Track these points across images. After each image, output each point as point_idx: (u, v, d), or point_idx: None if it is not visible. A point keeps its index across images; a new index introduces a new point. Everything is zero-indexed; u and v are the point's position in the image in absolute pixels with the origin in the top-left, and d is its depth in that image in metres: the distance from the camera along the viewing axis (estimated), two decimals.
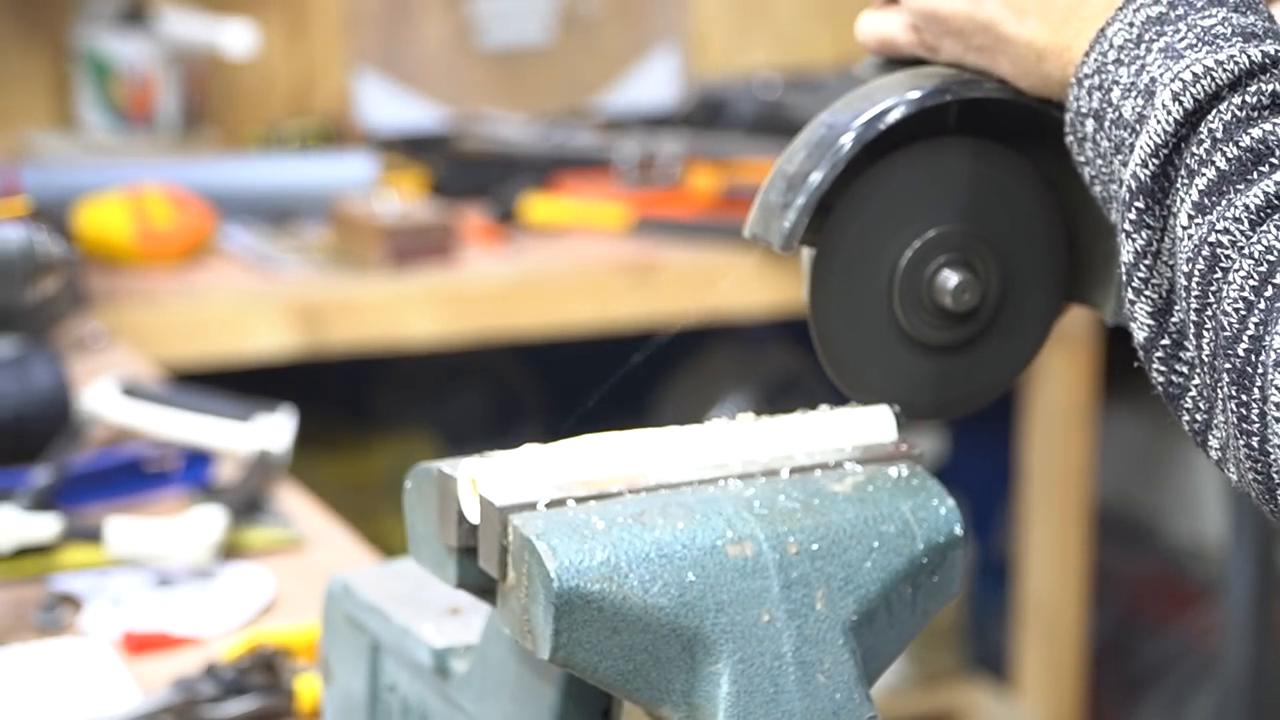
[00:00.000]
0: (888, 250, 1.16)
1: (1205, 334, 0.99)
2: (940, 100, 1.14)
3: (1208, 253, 0.98)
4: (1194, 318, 1.00)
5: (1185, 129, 1.01)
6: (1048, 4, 1.11)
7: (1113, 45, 1.06)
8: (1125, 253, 1.03)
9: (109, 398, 1.94)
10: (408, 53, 3.12)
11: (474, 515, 1.05)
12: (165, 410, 1.93)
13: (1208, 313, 0.98)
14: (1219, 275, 0.98)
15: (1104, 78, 1.06)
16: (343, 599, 1.26)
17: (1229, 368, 0.97)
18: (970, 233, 1.17)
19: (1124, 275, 1.04)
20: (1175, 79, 1.02)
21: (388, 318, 2.59)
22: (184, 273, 2.61)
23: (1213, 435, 1.02)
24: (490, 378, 3.28)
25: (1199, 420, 1.03)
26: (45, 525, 1.67)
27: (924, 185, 1.16)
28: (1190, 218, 1.00)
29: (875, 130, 1.13)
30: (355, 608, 1.25)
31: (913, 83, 1.15)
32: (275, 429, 1.90)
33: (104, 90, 2.98)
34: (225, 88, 3.14)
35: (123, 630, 1.56)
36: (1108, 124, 1.06)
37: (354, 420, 3.21)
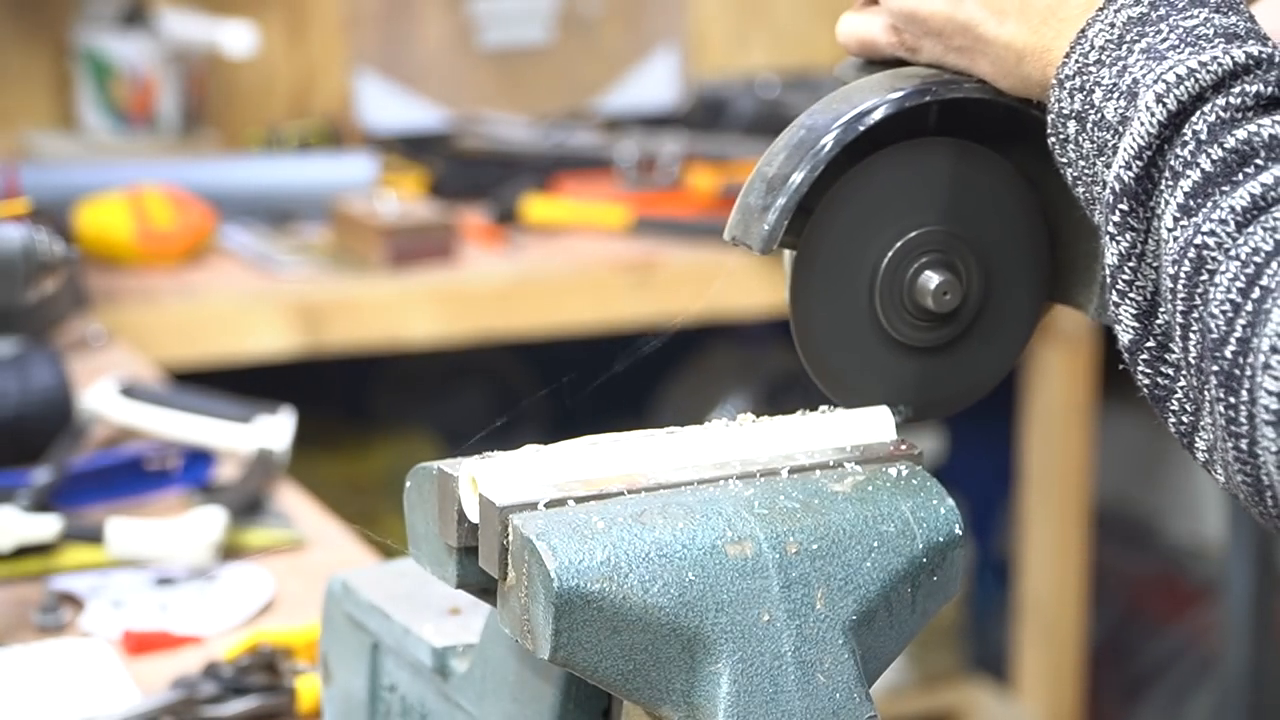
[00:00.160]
0: (869, 251, 1.15)
1: (1192, 336, 0.98)
2: (920, 101, 1.13)
3: (1194, 255, 0.97)
4: (1180, 320, 0.99)
5: (1169, 131, 1.01)
6: (1027, 5, 1.10)
7: (1094, 46, 1.05)
8: (1110, 255, 1.03)
9: (109, 398, 1.94)
10: (408, 53, 3.12)
11: (474, 515, 1.05)
12: (165, 410, 1.93)
13: (1194, 315, 0.98)
14: (1205, 277, 0.97)
15: (1085, 79, 1.05)
16: (343, 599, 1.26)
17: (1216, 370, 0.96)
18: (951, 233, 1.16)
19: (1109, 278, 1.03)
20: (1158, 80, 1.01)
21: (388, 318, 2.59)
22: (184, 273, 2.61)
23: (1199, 437, 1.01)
24: (490, 378, 3.28)
25: (1185, 422, 1.02)
26: (45, 525, 1.67)
27: (904, 186, 1.15)
28: (1175, 220, 0.99)
29: (855, 131, 1.12)
30: (355, 607, 1.25)
31: (892, 83, 1.14)
32: (275, 429, 1.90)
33: (104, 90, 2.98)
34: (225, 88, 3.14)
35: (123, 630, 1.56)
36: (1090, 125, 1.05)
37: (354, 420, 3.21)
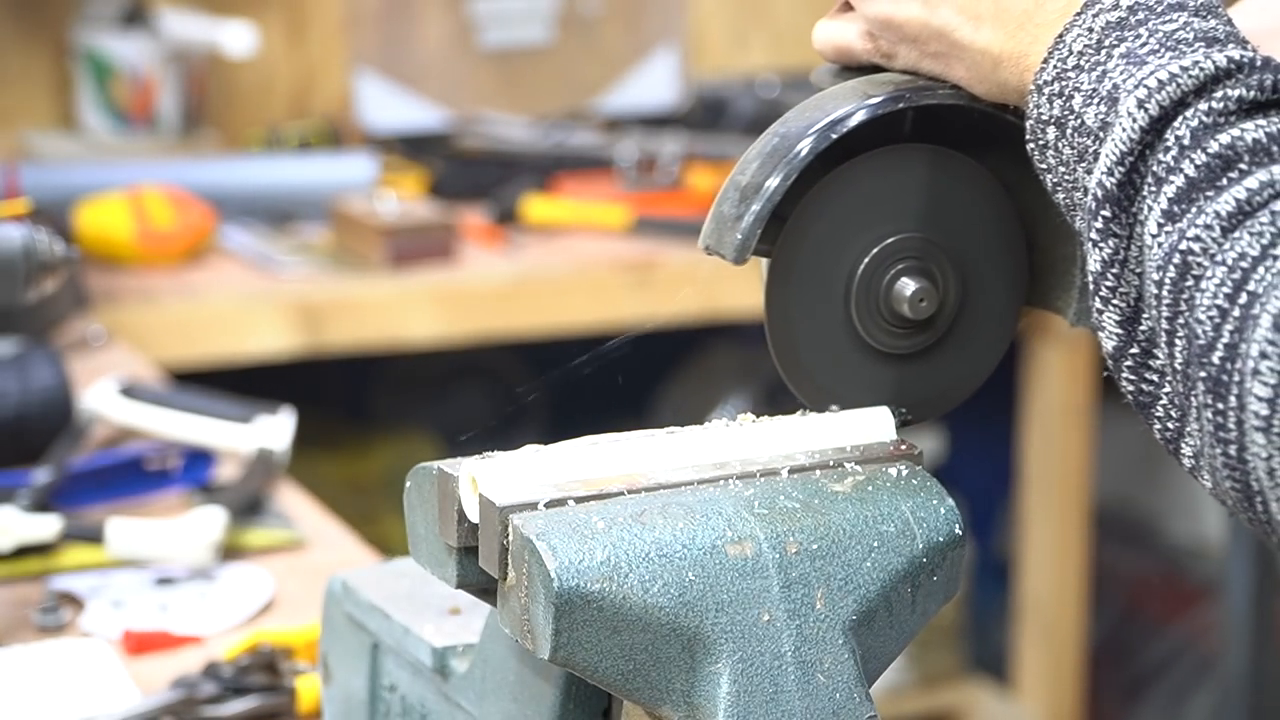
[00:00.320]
0: (844, 259, 1.14)
1: (1177, 342, 0.98)
2: (894, 108, 1.12)
3: (1179, 260, 0.97)
4: (1165, 326, 0.98)
5: (1151, 136, 1.00)
6: (1003, 10, 1.09)
7: (1072, 51, 1.05)
8: (1092, 262, 1.02)
9: (109, 398, 1.94)
10: (408, 53, 3.12)
11: (474, 515, 1.05)
12: (165, 410, 1.93)
13: (1180, 320, 0.97)
14: (1191, 283, 0.96)
15: (1064, 84, 1.04)
16: (343, 599, 1.26)
17: (1204, 376, 0.95)
18: (927, 240, 1.15)
19: (1091, 284, 1.02)
20: (1139, 85, 1.00)
21: (388, 318, 2.59)
22: (184, 273, 2.61)
23: (1185, 443, 1.01)
24: (490, 378, 3.28)
25: (1171, 428, 1.01)
26: (45, 525, 1.67)
27: (880, 193, 1.14)
28: (1159, 225, 0.98)
29: (829, 139, 1.11)
30: (355, 607, 1.25)
31: (867, 90, 1.14)
32: (275, 429, 1.90)
33: (104, 90, 2.98)
34: (225, 88, 3.14)
35: (123, 630, 1.56)
36: (1070, 131, 1.04)
37: (354, 420, 3.21)
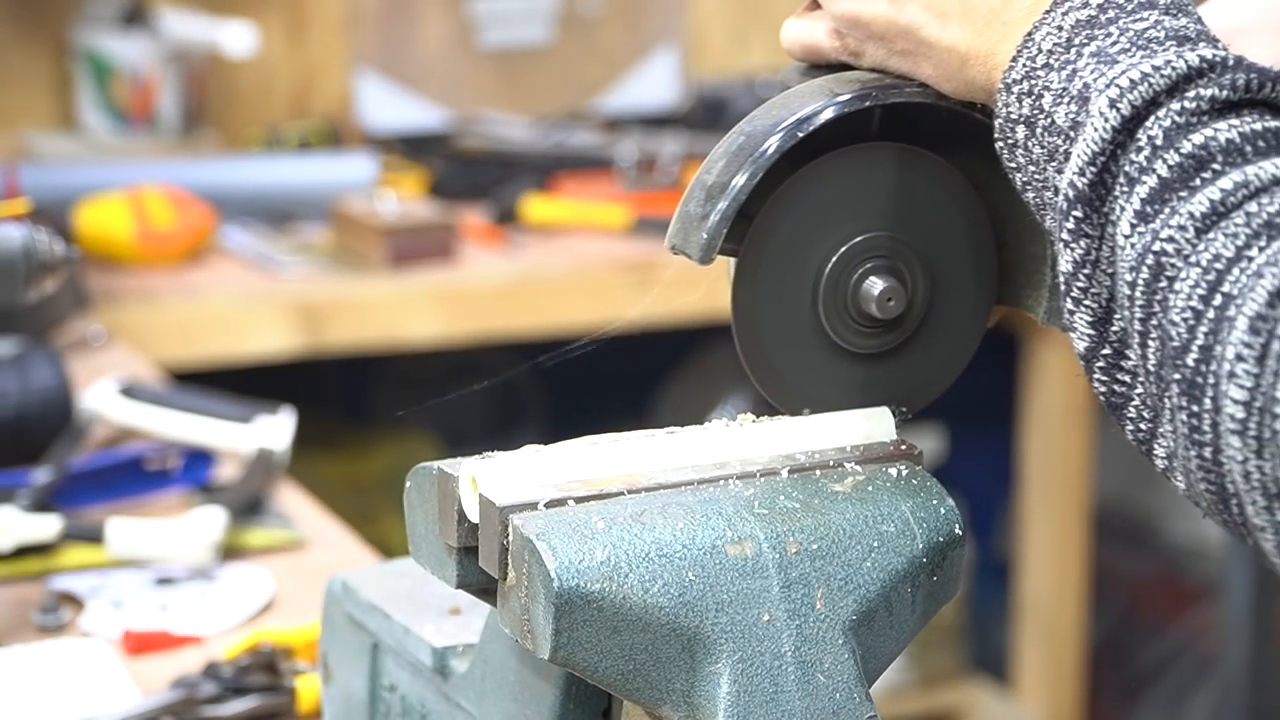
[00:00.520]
0: (812, 258, 1.13)
1: (1150, 343, 0.97)
2: (860, 106, 1.12)
3: (1152, 261, 0.96)
4: (1138, 327, 0.97)
5: (1123, 136, 0.99)
6: (970, 8, 1.08)
7: (1041, 50, 1.04)
8: (1064, 263, 1.01)
9: (109, 398, 1.94)
10: (408, 53, 3.12)
11: (474, 515, 1.05)
12: (165, 410, 1.93)
13: (1153, 322, 0.96)
14: (1164, 284, 0.95)
15: (1034, 83, 1.04)
16: (343, 599, 1.26)
17: (1178, 378, 0.95)
18: (895, 239, 1.14)
19: (1063, 285, 1.02)
20: (1111, 85, 0.99)
21: (388, 318, 2.59)
22: (184, 273, 2.61)
23: (1158, 444, 1.00)
24: (490, 378, 3.28)
25: (1143, 430, 1.01)
26: (45, 525, 1.67)
27: (847, 192, 1.13)
28: (1132, 226, 0.97)
29: (795, 137, 1.10)
30: (355, 607, 1.25)
31: (833, 88, 1.13)
32: (275, 429, 1.90)
33: (104, 90, 2.98)
34: (225, 88, 3.14)
35: (123, 630, 1.56)
36: (1039, 130, 1.03)
37: (354, 420, 3.21)
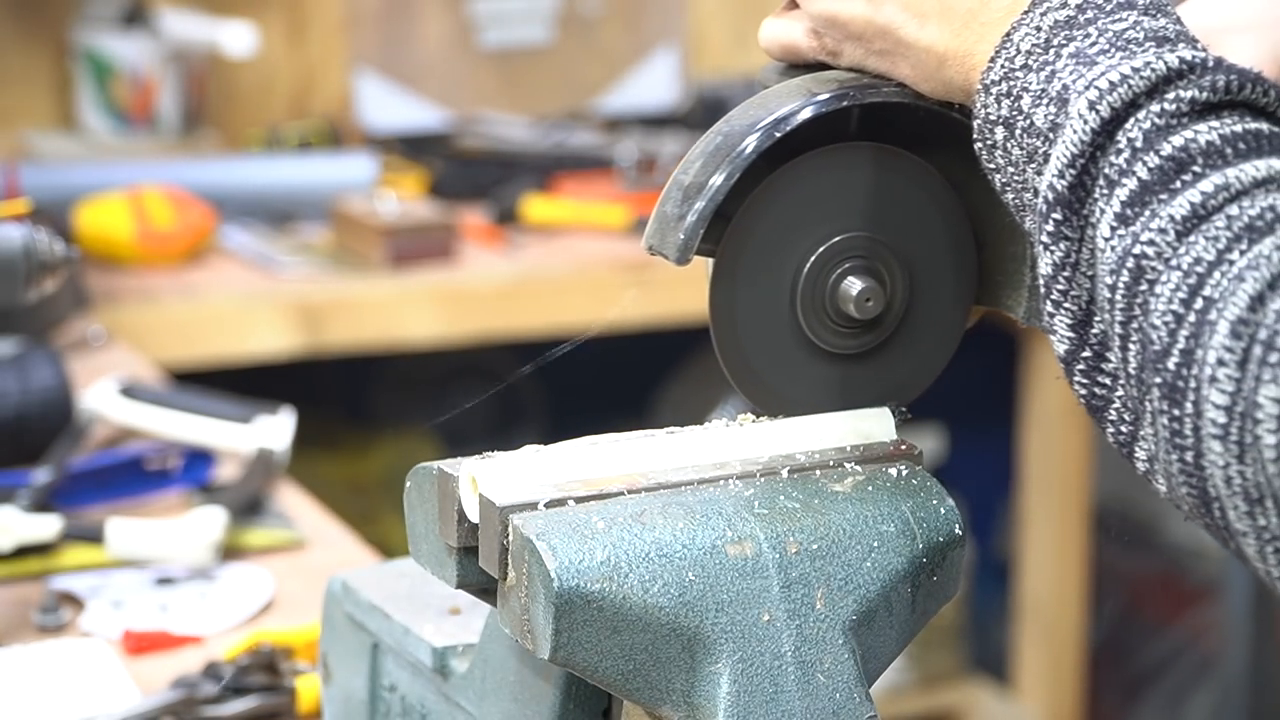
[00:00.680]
0: (789, 258, 1.13)
1: (1131, 347, 0.96)
2: (838, 106, 1.11)
3: (1132, 264, 0.95)
4: (1119, 330, 0.97)
5: (1102, 138, 0.98)
6: (948, 8, 1.07)
7: (1020, 50, 1.03)
8: (1043, 265, 1.01)
9: (109, 398, 1.94)
10: (408, 53, 3.12)
11: (474, 515, 1.05)
12: (165, 410, 1.93)
13: (1134, 325, 0.96)
14: (1145, 287, 0.95)
15: (1012, 84, 1.03)
16: (343, 599, 1.26)
17: (1159, 382, 0.94)
18: (874, 239, 1.14)
19: (1042, 287, 1.01)
20: (1090, 87, 0.99)
21: (388, 318, 2.59)
22: (184, 273, 2.61)
23: (1139, 447, 0.99)
24: (490, 378, 3.28)
25: (1124, 432, 1.00)
26: (45, 525, 1.67)
27: (825, 192, 1.13)
28: (1112, 229, 0.97)
29: (773, 137, 1.10)
30: (355, 607, 1.25)
31: (811, 88, 1.12)
32: (275, 429, 1.90)
33: (104, 90, 2.98)
34: (225, 88, 3.14)
35: (123, 630, 1.56)
36: (1018, 132, 1.03)
37: (354, 420, 3.21)
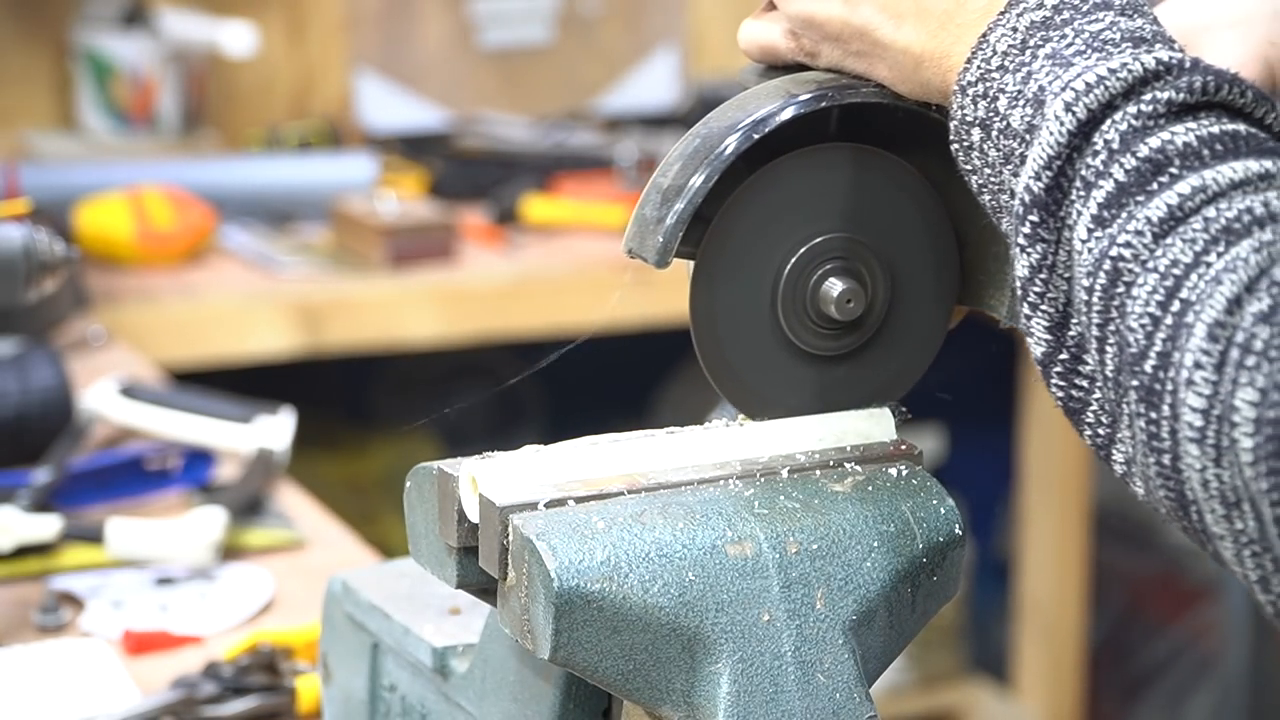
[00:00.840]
0: (770, 260, 1.12)
1: (1108, 349, 0.96)
2: (816, 107, 1.11)
3: (1109, 266, 0.95)
4: (1096, 333, 0.96)
5: (1079, 139, 0.98)
6: (924, 9, 1.07)
7: (996, 51, 1.03)
8: (1020, 267, 1.00)
9: (109, 398, 1.94)
10: (408, 53, 3.12)
11: (474, 515, 1.05)
12: (165, 410, 1.93)
13: (1110, 328, 0.95)
14: (1122, 290, 0.94)
15: (989, 85, 1.03)
16: (343, 599, 1.26)
17: (1136, 385, 0.94)
18: (854, 240, 1.13)
19: (1019, 290, 1.01)
20: (1066, 88, 0.98)
21: (388, 318, 2.59)
22: (184, 273, 2.61)
23: (1116, 449, 0.99)
24: (490, 378, 3.28)
25: (1102, 434, 1.00)
26: (45, 525, 1.67)
27: (805, 193, 1.12)
28: (1089, 231, 0.96)
29: (751, 138, 1.09)
30: (355, 607, 1.25)
31: (790, 89, 1.12)
32: (275, 429, 1.90)
33: (104, 90, 2.98)
34: (225, 88, 3.14)
35: (123, 630, 1.56)
36: (995, 134, 1.02)
37: (354, 420, 3.21)
